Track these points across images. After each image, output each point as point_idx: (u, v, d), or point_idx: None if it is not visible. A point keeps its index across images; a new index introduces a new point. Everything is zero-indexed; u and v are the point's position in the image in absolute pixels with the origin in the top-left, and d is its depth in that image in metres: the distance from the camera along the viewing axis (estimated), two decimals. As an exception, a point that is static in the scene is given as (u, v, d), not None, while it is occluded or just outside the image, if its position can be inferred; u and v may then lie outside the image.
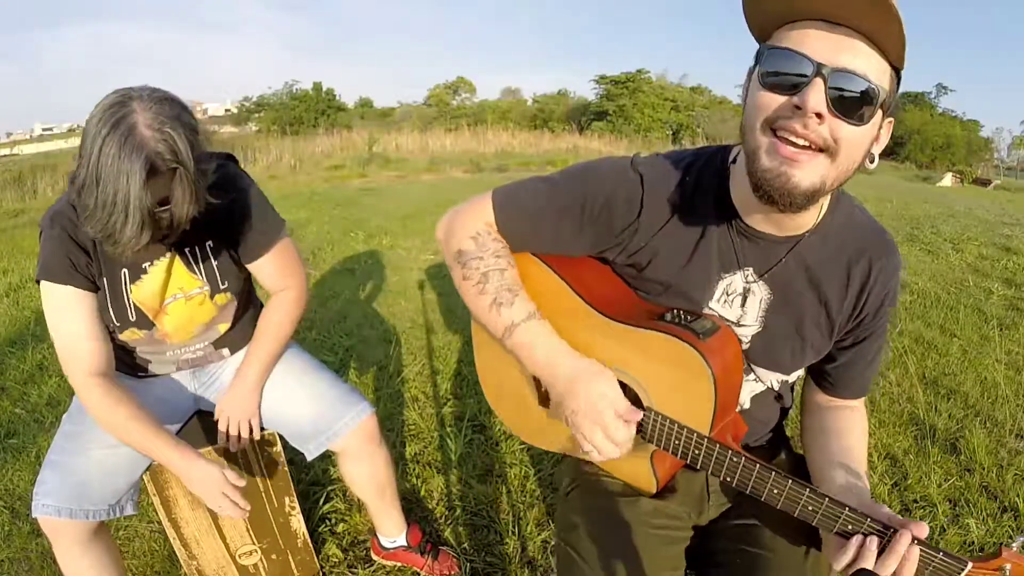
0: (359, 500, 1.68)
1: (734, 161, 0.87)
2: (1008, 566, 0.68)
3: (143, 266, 1.25)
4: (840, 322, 0.90)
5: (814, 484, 0.87)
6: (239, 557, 1.54)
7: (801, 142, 0.68)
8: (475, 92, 43.80)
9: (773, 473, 0.78)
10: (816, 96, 0.65)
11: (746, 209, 0.84)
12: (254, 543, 1.54)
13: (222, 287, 1.34)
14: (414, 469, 2.15)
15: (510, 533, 1.82)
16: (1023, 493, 1.94)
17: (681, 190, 0.87)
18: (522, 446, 2.24)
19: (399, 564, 1.70)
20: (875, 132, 0.71)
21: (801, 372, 1.01)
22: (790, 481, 0.78)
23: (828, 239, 0.86)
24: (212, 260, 1.31)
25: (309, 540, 1.60)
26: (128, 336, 1.31)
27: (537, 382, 1.04)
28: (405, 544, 1.67)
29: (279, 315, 1.42)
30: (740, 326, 0.91)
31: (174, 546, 1.48)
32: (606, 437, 0.84)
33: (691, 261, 0.88)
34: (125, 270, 1.24)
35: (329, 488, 1.99)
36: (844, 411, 0.99)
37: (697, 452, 0.84)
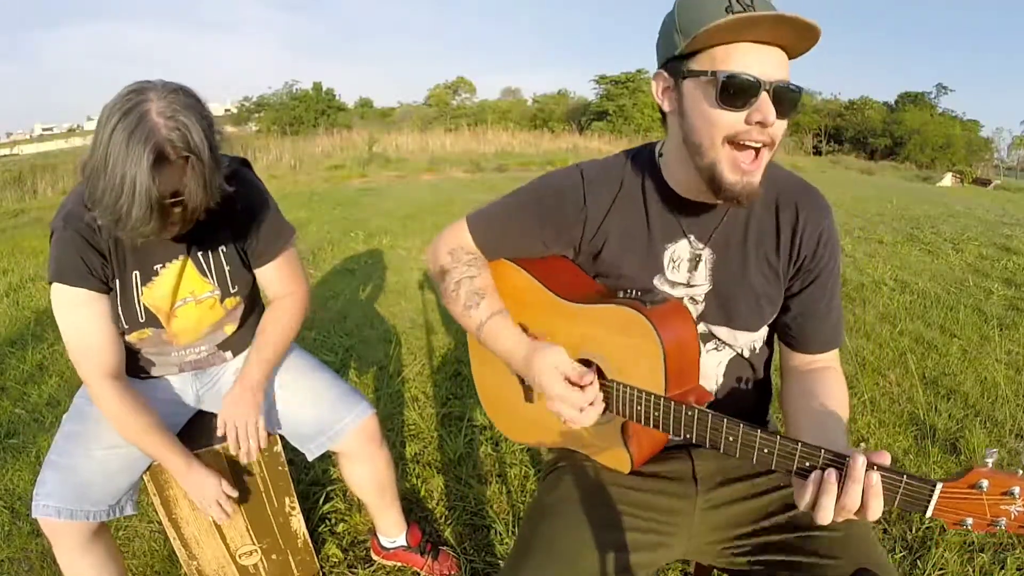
0: (359, 500, 1.68)
1: (660, 155, 1.00)
2: (985, 482, 0.64)
3: (155, 268, 1.25)
4: (782, 268, 0.98)
5: None
6: (239, 557, 1.54)
7: (758, 144, 0.83)
8: (475, 92, 43.75)
9: (725, 420, 0.80)
10: (768, 109, 0.80)
11: (677, 183, 0.97)
12: (254, 543, 1.54)
13: (232, 291, 1.35)
14: (414, 469, 2.15)
15: (510, 533, 1.82)
16: (1023, 493, 1.94)
17: (618, 180, 1.02)
18: (522, 446, 2.24)
19: (399, 564, 1.70)
20: None
21: (764, 331, 1.03)
22: (742, 426, 0.79)
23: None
24: (224, 264, 1.32)
25: (309, 540, 1.60)
26: (136, 337, 1.31)
27: (521, 380, 1.11)
28: (405, 544, 1.67)
29: (281, 322, 1.41)
30: (691, 287, 1.00)
31: (174, 546, 1.48)
32: (568, 404, 0.91)
33: (638, 237, 1.00)
34: (136, 272, 1.24)
35: (329, 488, 1.99)
36: (821, 372, 1.01)
37: (656, 413, 0.88)
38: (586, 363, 0.99)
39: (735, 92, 0.80)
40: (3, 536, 1.86)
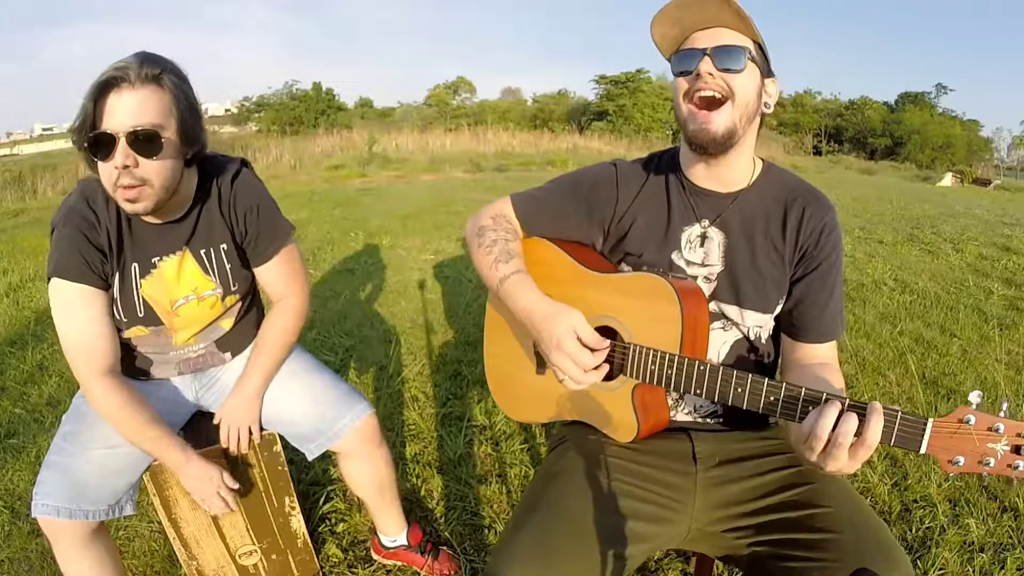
0: (359, 500, 1.68)
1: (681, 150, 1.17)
2: (972, 417, 0.71)
3: (152, 260, 1.26)
4: (787, 254, 1.09)
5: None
6: (239, 557, 1.54)
7: (709, 93, 0.99)
8: (475, 92, 43.74)
9: (735, 373, 0.90)
10: (705, 65, 0.98)
11: (694, 174, 1.13)
12: (254, 543, 1.54)
13: (233, 289, 1.36)
14: (414, 469, 2.15)
15: (510, 533, 1.81)
16: (1023, 493, 1.94)
17: (646, 171, 1.19)
18: (522, 446, 2.24)
19: (399, 564, 1.70)
20: (757, 81, 1.01)
21: (771, 322, 1.11)
22: (750, 376, 0.88)
23: (764, 193, 1.11)
24: (225, 262, 1.33)
25: (309, 540, 1.60)
26: (133, 333, 1.31)
27: (536, 351, 1.20)
28: (406, 543, 1.67)
29: (281, 325, 1.42)
30: (705, 266, 1.11)
31: (174, 546, 1.48)
32: (574, 362, 1.00)
33: (659, 219, 1.14)
34: (135, 264, 1.24)
35: (329, 488, 1.99)
36: (820, 367, 1.08)
37: (670, 371, 0.96)
38: (605, 329, 1.07)
39: (680, 62, 1.01)
40: (3, 536, 1.86)
